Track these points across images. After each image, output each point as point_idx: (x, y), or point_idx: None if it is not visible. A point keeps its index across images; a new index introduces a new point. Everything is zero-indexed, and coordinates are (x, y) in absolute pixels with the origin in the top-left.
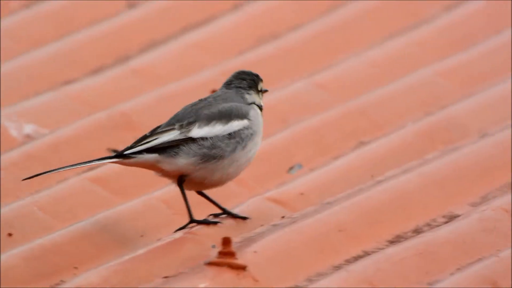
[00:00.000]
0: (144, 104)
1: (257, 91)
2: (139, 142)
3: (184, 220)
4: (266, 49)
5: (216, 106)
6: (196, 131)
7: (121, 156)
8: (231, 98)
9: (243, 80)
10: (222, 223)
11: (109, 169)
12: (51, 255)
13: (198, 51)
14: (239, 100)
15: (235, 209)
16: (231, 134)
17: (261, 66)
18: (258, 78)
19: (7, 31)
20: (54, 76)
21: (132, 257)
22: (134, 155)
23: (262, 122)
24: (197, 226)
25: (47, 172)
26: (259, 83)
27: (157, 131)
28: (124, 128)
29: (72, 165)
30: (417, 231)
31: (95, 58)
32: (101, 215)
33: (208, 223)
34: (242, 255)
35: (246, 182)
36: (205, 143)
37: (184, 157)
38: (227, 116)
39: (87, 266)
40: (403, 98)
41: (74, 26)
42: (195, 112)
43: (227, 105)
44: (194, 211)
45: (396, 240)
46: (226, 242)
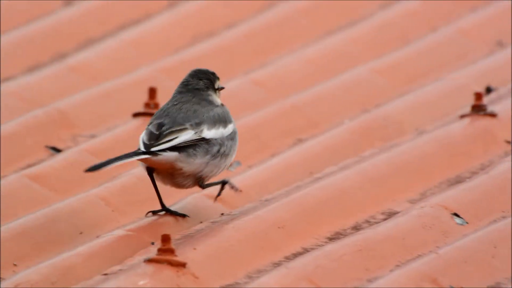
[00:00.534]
0: (81, 101)
1: (214, 90)
2: (156, 141)
3: (122, 218)
4: (202, 47)
5: (203, 109)
6: (207, 132)
7: (149, 153)
8: (202, 102)
9: (200, 80)
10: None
11: (47, 166)
12: None
13: (135, 49)
14: (209, 103)
15: (174, 206)
16: (229, 136)
17: (197, 64)
18: (214, 76)
19: None
20: None
21: (72, 255)
22: (160, 153)
23: None
24: (136, 223)
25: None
26: (216, 81)
27: (170, 130)
28: (61, 125)
29: (111, 160)
30: (356, 228)
31: (32, 56)
32: (39, 212)
33: (177, 214)
34: (181, 252)
35: None
36: (215, 142)
37: (200, 156)
38: (224, 120)
39: (26, 263)
40: (339, 96)
41: (11, 24)
42: (194, 114)
43: (220, 110)
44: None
45: (335, 237)
46: (166, 239)
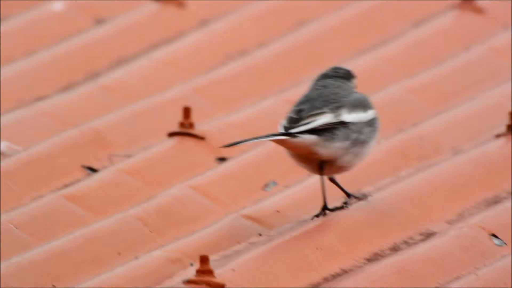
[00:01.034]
0: (115, 120)
1: (352, 82)
2: (293, 123)
3: (160, 238)
4: (234, 65)
5: (344, 94)
6: (346, 116)
7: (288, 134)
8: (347, 89)
9: (340, 70)
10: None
11: (83, 186)
12: (29, 273)
13: (167, 68)
14: (349, 89)
15: (212, 227)
16: (369, 122)
17: (229, 83)
18: (352, 73)
19: None
20: (24, 93)
21: (110, 276)
22: (299, 135)
23: None
24: (174, 244)
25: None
26: (354, 78)
27: (308, 114)
28: (96, 144)
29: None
30: (395, 249)
31: (66, 75)
32: (77, 233)
33: (341, 207)
34: (220, 273)
35: (221, 199)
36: (354, 127)
37: (339, 141)
38: (364, 105)
39: (65, 284)
40: None
41: (43, 43)
42: (334, 98)
43: (360, 95)
44: None
45: (374, 258)
46: (204, 260)
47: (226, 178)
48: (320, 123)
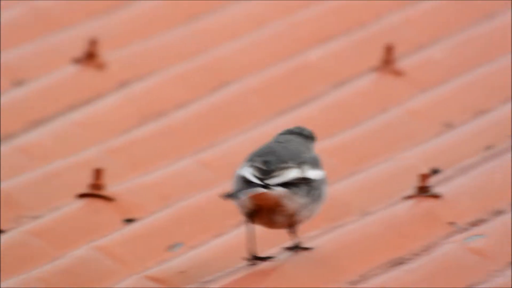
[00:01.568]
0: (26, 182)
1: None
2: (265, 175)
3: None
4: (150, 127)
5: (305, 151)
6: (309, 172)
7: (266, 187)
8: (303, 146)
9: (305, 129)
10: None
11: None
12: None
13: (83, 129)
14: (308, 149)
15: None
16: (322, 181)
17: (144, 144)
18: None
19: None
20: None
21: None
22: (273, 187)
23: None
24: None
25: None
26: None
27: (277, 167)
28: (5, 206)
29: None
30: None
31: None
32: None
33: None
34: None
35: (126, 260)
36: (314, 184)
37: (302, 195)
38: (320, 165)
39: None
40: None
41: None
42: (297, 153)
43: (316, 155)
44: None
45: None
46: None
47: (132, 239)
48: (290, 177)
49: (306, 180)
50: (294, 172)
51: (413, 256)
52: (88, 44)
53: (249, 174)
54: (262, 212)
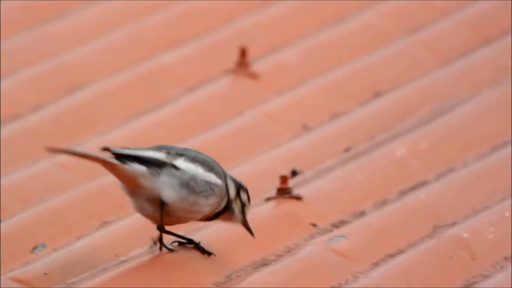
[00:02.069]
0: None
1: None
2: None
3: None
4: (6, 130)
5: (202, 154)
6: (181, 163)
7: (118, 158)
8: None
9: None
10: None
11: None
12: None
13: None
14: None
15: None
16: (208, 182)
17: (2, 147)
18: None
19: None
20: None
21: None
22: (128, 162)
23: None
24: None
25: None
26: (245, 193)
27: (146, 148)
28: None
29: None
30: None
31: None
32: None
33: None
34: None
35: None
36: (186, 174)
37: (164, 176)
38: (208, 167)
39: None
40: None
41: None
42: (183, 150)
43: (211, 161)
44: None
45: None
46: None
47: None
48: (147, 155)
49: (172, 166)
50: (155, 154)
51: (276, 257)
52: None
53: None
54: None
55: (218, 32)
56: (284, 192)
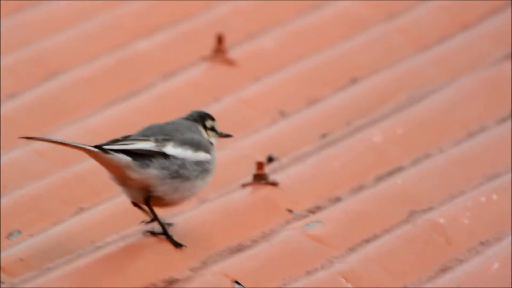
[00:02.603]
0: None
1: (204, 126)
2: (112, 143)
3: None
4: None
5: (185, 133)
6: (170, 149)
7: (100, 148)
8: (193, 130)
9: (192, 113)
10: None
11: None
12: None
13: None
14: (192, 131)
15: None
16: (197, 162)
17: None
18: (207, 115)
19: None
20: None
21: None
22: (111, 152)
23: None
24: None
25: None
26: (208, 120)
27: (130, 138)
28: None
29: (61, 142)
30: None
31: None
32: None
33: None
34: None
35: None
36: (176, 161)
37: (154, 168)
38: (196, 145)
39: None
40: None
41: None
42: (169, 132)
43: (197, 137)
44: None
45: None
46: None
47: None
48: (136, 147)
49: (162, 154)
50: (144, 144)
51: (252, 242)
52: None
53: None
54: (123, 186)
55: (194, 18)
56: (260, 178)
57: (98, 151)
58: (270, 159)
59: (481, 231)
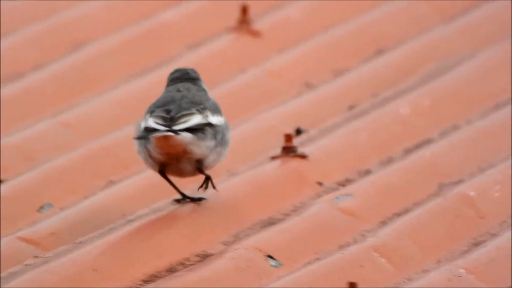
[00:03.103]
0: None
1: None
2: (170, 122)
3: None
4: (8, 89)
5: (206, 97)
6: (211, 118)
7: (173, 131)
8: (200, 90)
9: (191, 71)
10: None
11: None
12: None
13: None
14: (205, 93)
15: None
16: (224, 125)
17: (4, 106)
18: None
19: None
20: None
21: None
22: (181, 132)
23: None
24: None
25: None
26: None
27: (181, 114)
28: None
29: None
30: (171, 271)
31: None
32: None
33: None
34: None
35: None
36: (219, 129)
37: (209, 139)
38: (219, 110)
39: None
40: None
41: None
42: (199, 100)
43: (214, 101)
44: None
45: (150, 280)
46: None
47: (1, 201)
48: (194, 123)
49: (209, 125)
50: (197, 118)
51: (284, 216)
52: None
53: (154, 123)
54: (171, 161)
55: None
56: (289, 150)
57: (173, 134)
58: (299, 131)
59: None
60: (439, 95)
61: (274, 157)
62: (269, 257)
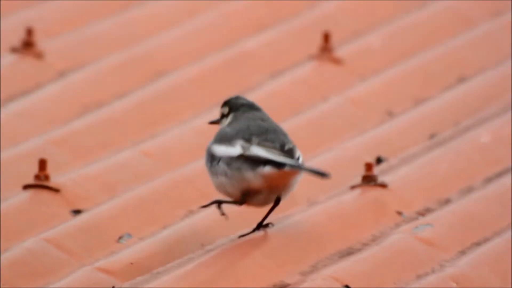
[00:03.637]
0: None
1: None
2: (290, 156)
3: None
4: (91, 117)
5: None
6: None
7: (299, 167)
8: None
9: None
10: None
11: None
12: None
13: (23, 120)
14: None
15: (65, 280)
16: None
17: (86, 135)
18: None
19: None
20: None
21: None
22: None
23: None
24: None
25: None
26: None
27: (289, 147)
28: None
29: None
30: None
31: None
32: None
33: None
34: None
35: (75, 252)
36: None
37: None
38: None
39: None
40: None
41: None
42: (284, 133)
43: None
44: None
45: None
46: None
47: (81, 231)
48: (301, 157)
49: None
50: (298, 151)
51: (362, 246)
52: (25, 33)
53: (270, 154)
54: (264, 191)
55: (301, 16)
56: (369, 179)
57: (295, 169)
58: (379, 160)
59: None
60: None
61: (354, 186)
62: (347, 287)
